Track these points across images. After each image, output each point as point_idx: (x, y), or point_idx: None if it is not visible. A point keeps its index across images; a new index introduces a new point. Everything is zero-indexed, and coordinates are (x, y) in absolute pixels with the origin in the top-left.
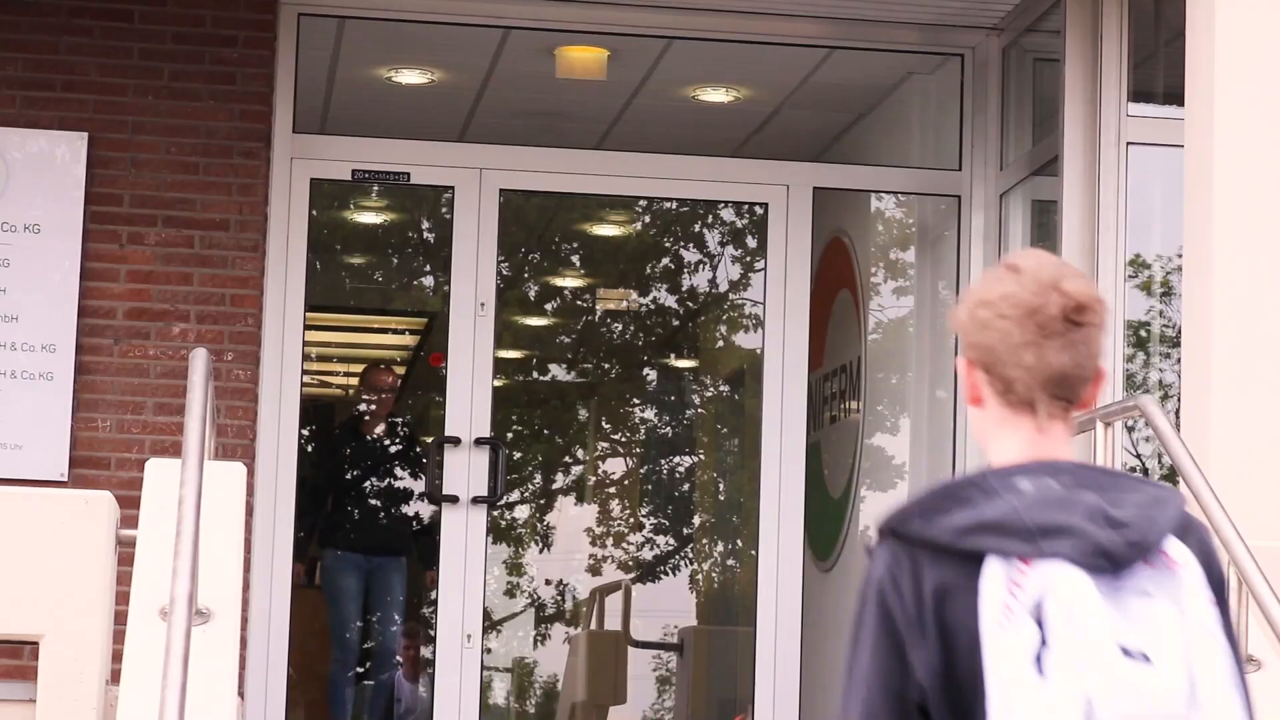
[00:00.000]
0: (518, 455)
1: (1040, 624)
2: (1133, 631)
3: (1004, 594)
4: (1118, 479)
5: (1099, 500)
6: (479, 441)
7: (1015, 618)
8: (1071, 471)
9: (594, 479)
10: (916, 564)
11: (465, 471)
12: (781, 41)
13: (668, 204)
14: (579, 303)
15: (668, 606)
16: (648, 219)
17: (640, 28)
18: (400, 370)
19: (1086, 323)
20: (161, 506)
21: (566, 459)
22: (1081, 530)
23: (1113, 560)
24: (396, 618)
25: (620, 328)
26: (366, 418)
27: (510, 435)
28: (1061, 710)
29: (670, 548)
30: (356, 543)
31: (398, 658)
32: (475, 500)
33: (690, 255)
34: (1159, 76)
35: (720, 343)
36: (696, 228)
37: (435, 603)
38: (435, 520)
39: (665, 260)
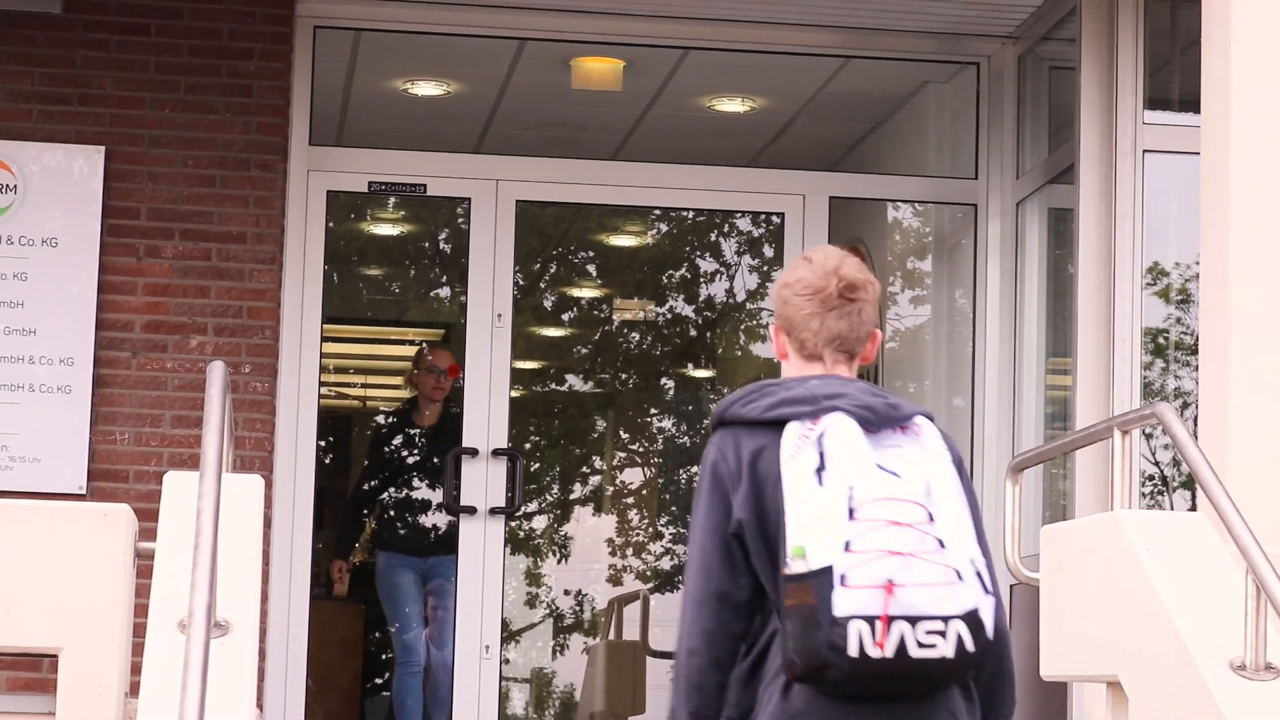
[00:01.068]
0: (535, 466)
1: (820, 452)
2: (886, 460)
3: (797, 438)
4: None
5: (868, 387)
6: (496, 453)
7: (804, 448)
8: (846, 380)
9: (612, 489)
10: (738, 439)
11: (483, 482)
12: (797, 51)
13: (684, 214)
14: (596, 313)
15: None
16: (664, 229)
17: (656, 38)
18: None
19: (858, 299)
20: (180, 519)
21: (584, 469)
22: (854, 397)
23: (876, 415)
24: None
25: (637, 338)
26: (421, 404)
27: (527, 446)
28: (831, 497)
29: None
30: (412, 541)
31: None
32: (493, 511)
33: (707, 265)
34: (1175, 84)
35: (738, 352)
36: (713, 237)
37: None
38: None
39: (682, 270)
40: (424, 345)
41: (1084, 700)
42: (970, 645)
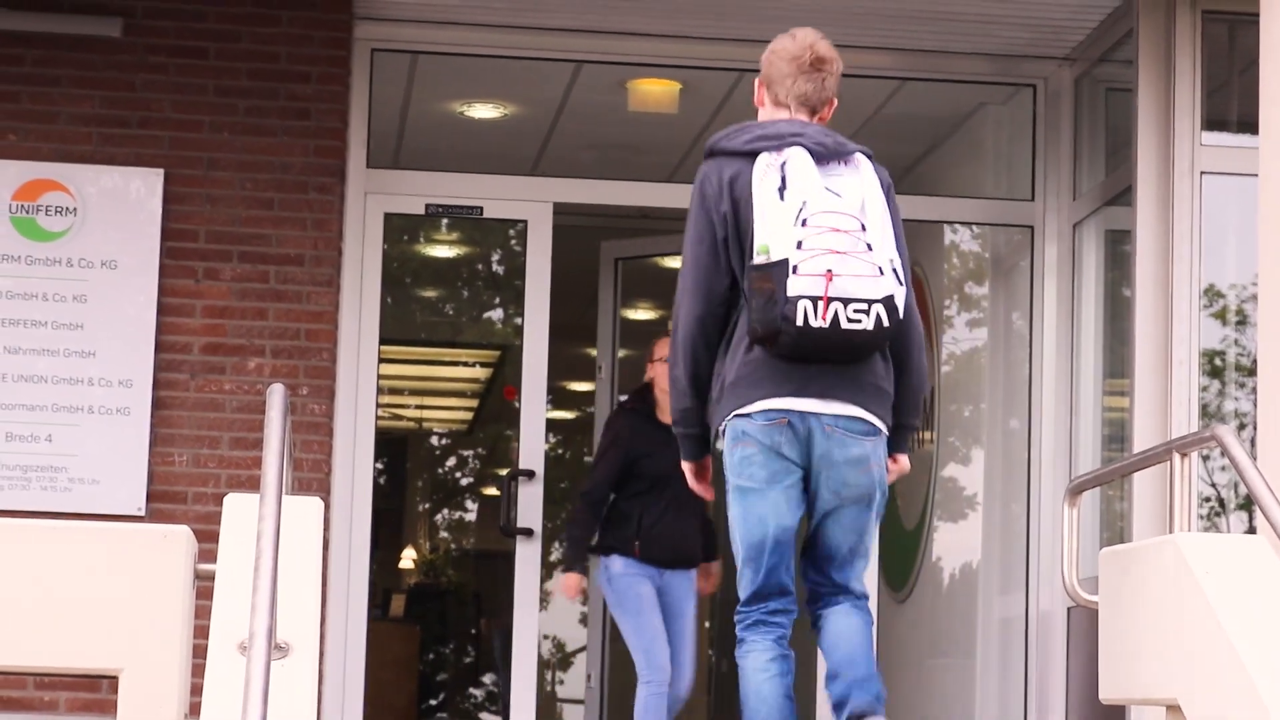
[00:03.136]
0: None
1: (783, 176)
2: (832, 184)
3: (765, 165)
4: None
5: (822, 129)
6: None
7: (770, 172)
8: (805, 123)
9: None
10: (721, 166)
11: (539, 505)
12: (853, 73)
13: None
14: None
15: None
16: None
17: (711, 61)
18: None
19: (825, 70)
20: (240, 541)
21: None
22: (811, 135)
23: (826, 149)
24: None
25: None
26: (660, 399)
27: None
28: (789, 209)
29: None
30: (653, 552)
31: None
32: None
33: None
34: (1232, 105)
35: None
36: None
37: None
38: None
39: None
40: (657, 339)
41: None
42: (886, 322)
